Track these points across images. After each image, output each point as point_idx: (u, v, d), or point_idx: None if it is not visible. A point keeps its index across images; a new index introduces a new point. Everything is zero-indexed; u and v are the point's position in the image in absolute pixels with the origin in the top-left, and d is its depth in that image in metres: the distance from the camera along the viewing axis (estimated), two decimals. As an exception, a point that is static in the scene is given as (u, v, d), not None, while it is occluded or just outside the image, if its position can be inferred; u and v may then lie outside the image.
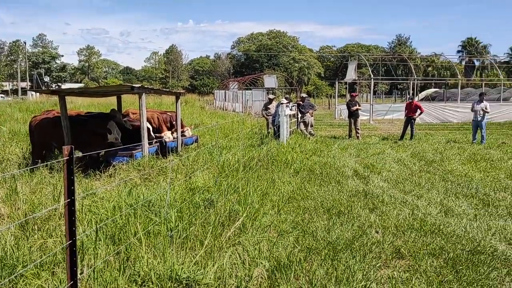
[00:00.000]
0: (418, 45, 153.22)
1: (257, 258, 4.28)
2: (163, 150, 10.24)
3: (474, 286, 3.87)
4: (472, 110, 14.89)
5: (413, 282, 3.92)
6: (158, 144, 10.35)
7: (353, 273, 4.01)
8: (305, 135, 15.16)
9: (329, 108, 42.28)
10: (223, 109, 38.41)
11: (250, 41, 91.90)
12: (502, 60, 59.47)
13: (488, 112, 14.84)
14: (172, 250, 4.14)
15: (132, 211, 5.00)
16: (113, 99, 13.57)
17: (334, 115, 28.70)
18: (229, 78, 63.43)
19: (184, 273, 3.73)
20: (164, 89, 15.00)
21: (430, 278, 3.99)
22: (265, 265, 4.14)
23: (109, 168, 8.67)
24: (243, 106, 33.62)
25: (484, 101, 14.77)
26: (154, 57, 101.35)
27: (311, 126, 16.27)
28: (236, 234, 4.95)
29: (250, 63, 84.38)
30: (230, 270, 4.01)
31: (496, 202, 6.76)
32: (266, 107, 16.60)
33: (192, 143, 12.39)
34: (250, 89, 37.28)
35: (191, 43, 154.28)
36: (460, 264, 4.29)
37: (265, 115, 16.58)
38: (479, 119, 14.56)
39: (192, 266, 3.89)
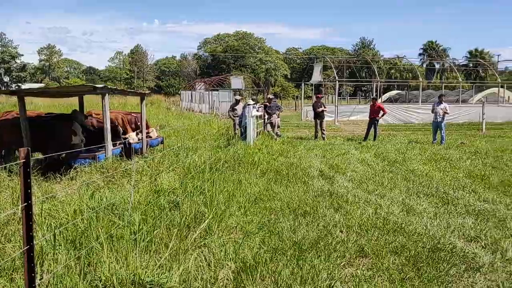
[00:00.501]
0: (382, 48, 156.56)
1: (223, 260, 4.26)
2: (128, 151, 10.05)
3: (434, 283, 3.98)
4: (432, 111, 15.39)
5: (376, 279, 4.00)
6: (122, 145, 10.15)
7: (318, 273, 4.05)
8: (272, 136, 15.24)
9: (295, 109, 42.65)
10: (190, 110, 38.09)
11: (216, 42, 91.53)
12: (461, 63, 61.63)
13: (448, 113, 15.38)
14: (135, 253, 4.06)
15: (94, 215, 4.87)
16: (75, 99, 13.20)
17: (301, 116, 28.97)
18: (196, 79, 63.01)
19: (148, 277, 3.66)
20: (129, 90, 14.70)
21: (393, 275, 4.09)
22: (231, 267, 4.13)
23: (70, 171, 8.43)
24: (210, 107, 33.48)
25: (443, 103, 15.30)
26: (118, 57, 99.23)
27: (278, 127, 16.38)
28: (202, 236, 4.91)
29: (216, 64, 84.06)
30: (196, 272, 3.97)
31: (455, 201, 6.99)
32: (232, 108, 16.57)
33: (157, 145, 12.23)
34: (217, 90, 37.15)
35: (156, 43, 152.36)
36: (421, 261, 4.42)
37: (231, 116, 16.55)
38: (439, 120, 15.05)
39: (156, 269, 3.83)
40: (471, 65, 59.37)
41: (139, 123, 11.44)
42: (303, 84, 31.68)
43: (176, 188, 6.56)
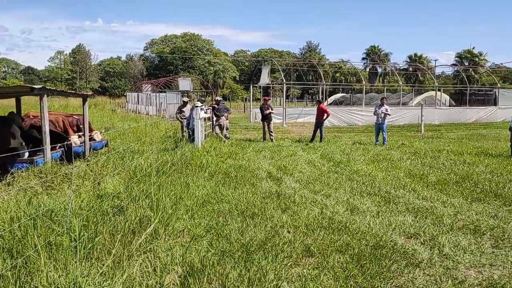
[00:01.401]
0: (327, 52, 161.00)
1: (169, 265, 4.17)
2: (69, 155, 9.63)
3: (376, 279, 4.11)
4: (375, 113, 15.99)
5: (322, 278, 4.07)
6: (62, 149, 9.70)
7: (265, 274, 4.06)
8: (220, 138, 15.19)
9: (244, 111, 42.84)
10: (136, 112, 37.22)
11: (164, 43, 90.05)
12: (402, 67, 64.66)
13: (389, 115, 16.04)
14: (76, 261, 3.88)
15: (31, 222, 4.61)
16: (12, 101, 12.49)
17: (249, 118, 29.15)
18: (143, 80, 61.64)
19: (89, 285, 3.51)
20: (70, 91, 14.12)
21: (337, 273, 4.18)
22: (177, 271, 4.05)
23: (7, 176, 7.95)
24: (157, 109, 32.87)
25: (385, 105, 15.94)
26: (59, 56, 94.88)
27: (227, 129, 16.35)
28: (147, 241, 4.78)
29: (164, 65, 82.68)
30: (141, 279, 3.86)
31: (396, 199, 7.28)
32: (180, 110, 16.35)
33: (101, 148, 11.81)
34: (165, 91, 36.54)
35: (100, 43, 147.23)
36: (364, 259, 4.55)
37: (179, 118, 16.32)
38: (381, 122, 15.67)
39: (98, 277, 3.68)
40: (410, 69, 62.32)
41: (81, 126, 11.00)
42: (251, 86, 31.88)
43: (121, 192, 6.35)
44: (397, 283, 4.08)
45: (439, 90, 34.40)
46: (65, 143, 9.81)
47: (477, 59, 69.17)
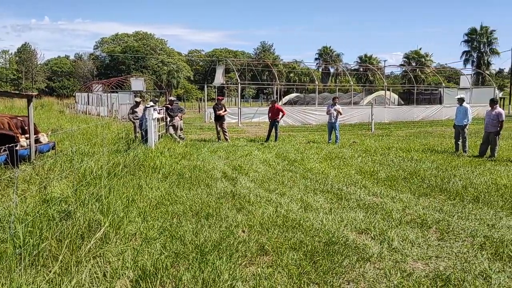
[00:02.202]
0: (281, 52, 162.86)
1: (120, 269, 4.06)
2: (13, 159, 9.15)
3: (329, 275, 4.20)
4: (327, 113, 16.32)
5: (276, 276, 4.10)
6: (7, 152, 9.21)
7: (220, 274, 4.05)
8: (174, 139, 14.99)
9: (199, 111, 42.51)
10: (86, 113, 36.04)
11: (115, 42, 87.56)
12: (353, 68, 66.43)
13: (341, 114, 16.42)
14: (21, 269, 3.70)
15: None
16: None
17: (204, 119, 28.94)
18: (93, 80, 59.71)
19: (35, 294, 3.36)
20: (13, 92, 13.43)
21: (291, 271, 4.23)
22: (129, 276, 3.96)
23: None
24: (109, 110, 31.97)
25: (337, 105, 16.31)
26: (4, 56, 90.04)
27: (181, 129, 16.14)
28: (98, 245, 4.63)
29: (115, 65, 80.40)
30: (90, 285, 3.74)
31: (348, 196, 7.46)
32: (133, 111, 15.99)
33: (48, 150, 11.31)
34: (116, 92, 35.57)
35: (47, 42, 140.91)
36: (317, 255, 4.63)
37: (132, 119, 15.95)
38: (333, 121, 16.01)
39: (45, 284, 3.53)
40: (361, 69, 64.16)
41: (26, 128, 10.50)
42: (205, 86, 31.67)
43: (69, 196, 6.12)
44: (349, 278, 4.18)
45: (388, 89, 35.62)
46: (10, 145, 9.32)
47: (423, 60, 72.28)
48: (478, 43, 68.17)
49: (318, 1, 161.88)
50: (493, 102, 12.32)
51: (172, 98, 16.94)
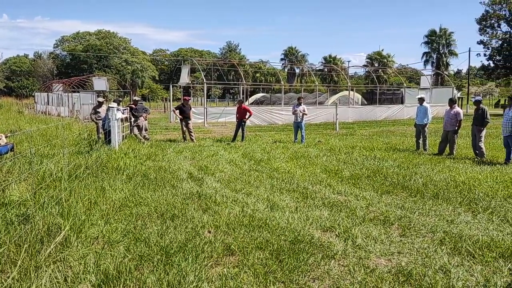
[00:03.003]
0: (247, 52, 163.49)
1: (82, 274, 3.95)
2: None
3: (295, 273, 4.23)
4: (293, 112, 16.46)
5: (242, 276, 4.10)
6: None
7: (185, 275, 4.00)
8: (139, 140, 14.73)
9: (164, 111, 41.96)
10: (46, 114, 34.90)
11: (76, 40, 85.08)
12: (317, 68, 67.37)
13: (306, 114, 16.60)
14: (-26, 277, 3.53)
15: None
16: None
17: (170, 119, 28.59)
18: (53, 80, 57.86)
19: (-10, 302, 3.21)
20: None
21: (257, 270, 4.23)
22: (91, 280, 3.85)
23: None
24: (70, 110, 31.08)
25: (302, 105, 16.47)
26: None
27: (146, 130, 15.89)
28: (58, 249, 4.49)
29: (77, 64, 78.12)
30: (50, 291, 3.61)
31: (313, 194, 7.55)
32: (95, 111, 15.57)
33: (6, 152, 10.86)
34: (78, 91, 34.61)
35: (6, 40, 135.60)
36: (283, 254, 4.65)
37: (94, 119, 15.55)
38: (299, 120, 16.17)
39: (1, 292, 3.38)
40: (326, 70, 65.10)
41: (-19, 129, 10.05)
42: (171, 86, 31.31)
43: (28, 199, 5.89)
44: (314, 275, 4.22)
45: (352, 89, 36.29)
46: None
47: (385, 61, 74.11)
48: (437, 44, 70.53)
49: (282, 1, 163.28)
50: (451, 102, 12.76)
51: (136, 98, 16.64)
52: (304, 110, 16.23)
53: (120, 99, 30.90)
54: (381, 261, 4.62)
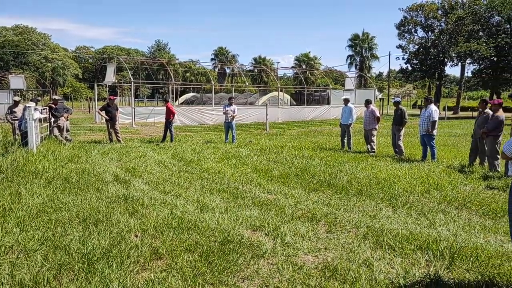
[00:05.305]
0: (177, 52, 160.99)
1: (-8, 287, 3.62)
2: None
3: (224, 274, 4.19)
4: (224, 113, 16.45)
5: (170, 280, 3.98)
6: None
7: (109, 283, 3.81)
8: (60, 141, 13.91)
9: (89, 111, 40.08)
10: (-46, 114, 31.88)
11: (-10, 36, 78.73)
12: (248, 69, 67.95)
13: (236, 115, 16.66)
14: None
15: None
16: None
17: (95, 119, 27.36)
18: (-38, 77, 52.98)
19: None
20: None
21: (186, 273, 4.14)
22: (3, 294, 3.54)
23: None
24: (-18, 110, 28.65)
25: (233, 105, 16.51)
26: None
27: (67, 131, 15.05)
28: (-36, 263, 4.08)
29: (-9, 61, 72.37)
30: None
31: (244, 194, 7.56)
32: (11, 111, 14.50)
33: None
34: (-8, 90, 32.02)
35: None
36: (213, 255, 4.59)
37: (10, 120, 14.47)
38: (229, 120, 16.19)
39: None
40: (256, 70, 65.91)
41: None
42: (95, 85, 29.97)
43: None
44: (243, 275, 4.22)
45: (281, 90, 37.06)
46: None
47: (312, 63, 76.65)
48: (361, 48, 74.18)
49: (211, 2, 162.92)
50: (367, 102, 13.48)
51: (56, 97, 15.69)
52: (234, 111, 16.27)
53: (39, 98, 29.09)
54: (309, 257, 4.72)
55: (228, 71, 78.94)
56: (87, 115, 35.09)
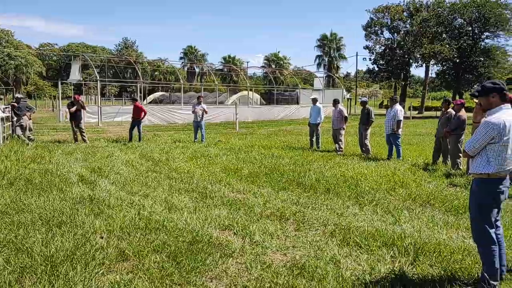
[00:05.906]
0: (145, 50, 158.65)
1: None
2: None
3: (192, 274, 4.16)
4: (193, 112, 16.33)
5: (136, 282, 3.92)
6: None
7: (73, 286, 3.72)
8: (22, 141, 13.45)
9: (53, 110, 38.94)
10: None
11: None
12: (217, 68, 67.71)
13: (207, 113, 16.58)
14: None
15: None
16: None
17: (59, 118, 26.58)
18: None
19: None
20: None
21: (153, 274, 4.08)
22: (-41, 300, 3.39)
23: None
24: None
25: (202, 104, 16.41)
26: None
27: (30, 130, 14.57)
28: None
29: (-52, 58, 69.10)
30: None
31: (213, 194, 7.52)
32: (-31, 109, 13.91)
33: None
34: (-52, 87, 30.64)
35: None
36: (181, 256, 4.55)
37: (-32, 119, 13.88)
38: (199, 119, 16.09)
39: None
40: (225, 69, 65.74)
41: None
42: (59, 83, 29.18)
43: None
44: (212, 275, 4.20)
45: (251, 90, 37.13)
46: None
47: (282, 62, 77.11)
48: (329, 48, 75.17)
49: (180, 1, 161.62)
50: (335, 102, 13.68)
51: (18, 95, 15.18)
52: (203, 110, 16.18)
53: (1, 96, 28.03)
54: (277, 256, 4.75)
55: (197, 70, 78.41)
56: (50, 114, 34.06)
